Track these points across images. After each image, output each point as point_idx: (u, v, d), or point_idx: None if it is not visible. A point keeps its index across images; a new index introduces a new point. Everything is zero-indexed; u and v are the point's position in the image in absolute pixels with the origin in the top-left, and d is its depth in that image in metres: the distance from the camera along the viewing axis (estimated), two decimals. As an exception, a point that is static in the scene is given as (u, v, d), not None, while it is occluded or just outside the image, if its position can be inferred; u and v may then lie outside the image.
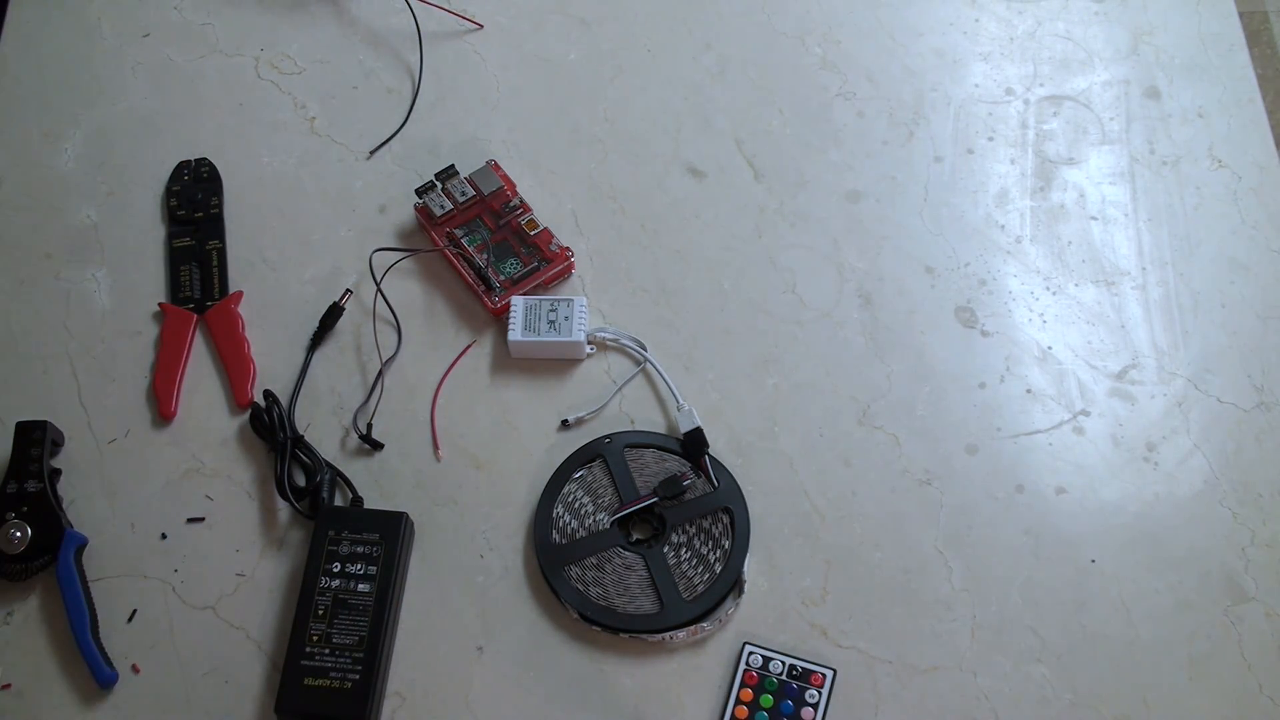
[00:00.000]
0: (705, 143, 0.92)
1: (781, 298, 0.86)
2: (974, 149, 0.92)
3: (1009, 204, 0.90)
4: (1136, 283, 0.87)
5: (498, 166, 0.89)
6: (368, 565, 0.74)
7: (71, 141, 0.92)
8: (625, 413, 0.82)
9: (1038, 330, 0.85)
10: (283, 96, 0.95)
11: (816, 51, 0.97)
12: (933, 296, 0.86)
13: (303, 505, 0.78)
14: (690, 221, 0.89)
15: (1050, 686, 0.73)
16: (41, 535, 0.75)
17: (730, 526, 0.77)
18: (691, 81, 0.95)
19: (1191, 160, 0.91)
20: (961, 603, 0.76)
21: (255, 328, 0.85)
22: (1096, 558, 0.77)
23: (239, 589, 0.76)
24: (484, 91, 0.94)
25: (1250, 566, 0.76)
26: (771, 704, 0.72)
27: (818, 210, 0.89)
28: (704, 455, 0.79)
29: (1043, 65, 0.96)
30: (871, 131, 0.93)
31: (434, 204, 0.86)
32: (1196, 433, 0.81)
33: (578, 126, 0.93)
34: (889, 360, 0.84)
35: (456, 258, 0.85)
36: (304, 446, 0.79)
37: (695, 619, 0.74)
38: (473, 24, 0.97)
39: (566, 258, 0.86)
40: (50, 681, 0.73)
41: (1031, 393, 0.82)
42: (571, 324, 0.82)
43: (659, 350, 0.84)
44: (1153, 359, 0.84)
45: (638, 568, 0.76)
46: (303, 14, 0.98)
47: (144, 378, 0.83)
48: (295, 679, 0.71)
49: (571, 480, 0.79)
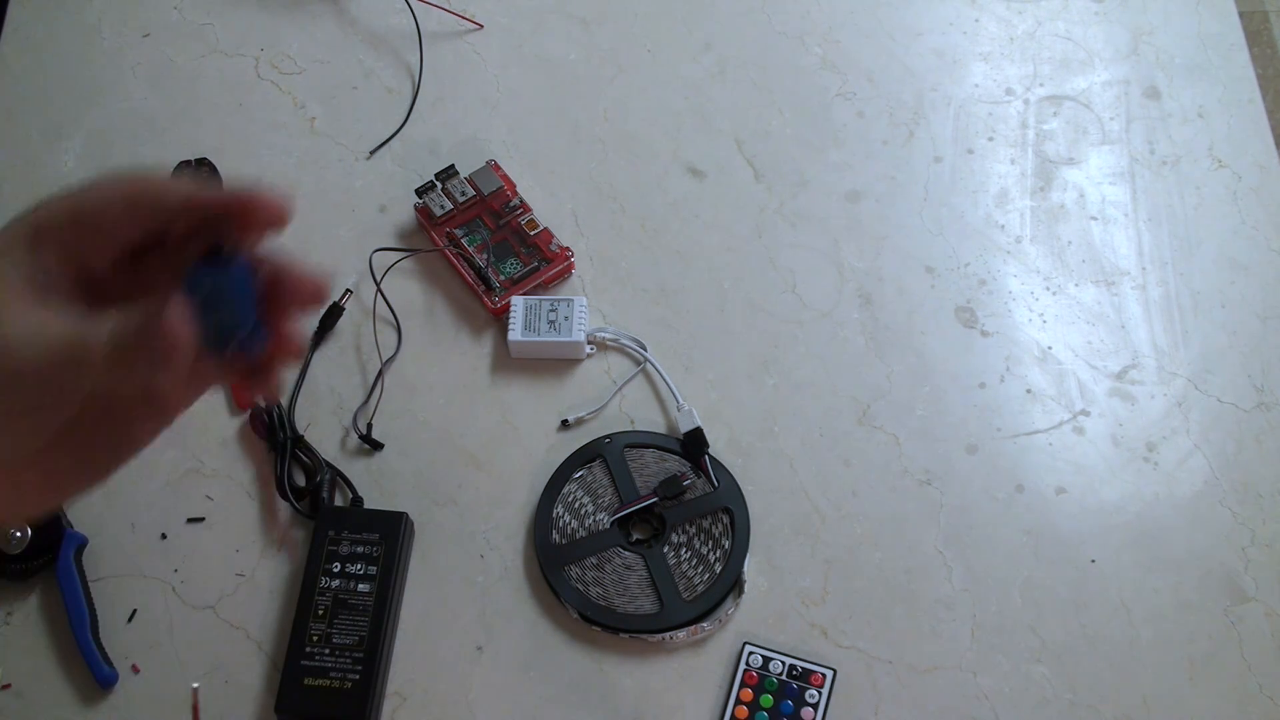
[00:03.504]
0: (705, 143, 0.92)
1: (781, 298, 0.86)
2: (974, 149, 0.92)
3: (1009, 204, 0.90)
4: (1136, 283, 0.87)
5: (498, 166, 0.89)
6: (368, 565, 0.74)
7: (71, 141, 0.92)
8: (625, 413, 0.82)
9: (1038, 330, 0.85)
10: (283, 96, 0.95)
11: (816, 51, 0.97)
12: (933, 296, 0.86)
13: (303, 505, 0.78)
14: (690, 221, 0.89)
15: (1050, 686, 0.73)
16: (41, 535, 0.75)
17: (730, 526, 0.77)
18: (691, 81, 0.95)
19: (1191, 160, 0.91)
20: (961, 603, 0.76)
21: (255, 328, 0.85)
22: (1096, 558, 0.77)
23: (239, 589, 0.76)
24: (484, 91, 0.94)
25: (1250, 566, 0.76)
26: (771, 704, 0.72)
27: (818, 210, 0.89)
28: (704, 455, 0.79)
29: (1043, 65, 0.96)
30: (871, 131, 0.93)
31: (434, 204, 0.87)
32: (1196, 433, 0.81)
33: (578, 126, 0.93)
34: (889, 360, 0.84)
35: (456, 258, 0.86)
36: (304, 446, 0.79)
37: (695, 619, 0.74)
38: (473, 24, 0.97)
39: (566, 258, 0.86)
40: (50, 681, 0.73)
41: (1031, 393, 0.82)
42: (571, 324, 0.82)
43: (659, 350, 0.84)
44: (1153, 359, 0.84)
45: (638, 568, 0.76)
46: (303, 14, 0.98)
47: (144, 378, 0.83)
48: (295, 679, 0.71)
49: (571, 480, 0.79)
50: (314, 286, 0.42)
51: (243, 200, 0.40)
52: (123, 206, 0.41)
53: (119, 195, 0.41)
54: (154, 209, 0.41)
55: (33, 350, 0.38)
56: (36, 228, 0.40)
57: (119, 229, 0.41)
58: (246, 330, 0.40)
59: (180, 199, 0.41)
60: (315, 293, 0.42)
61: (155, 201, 0.41)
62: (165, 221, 0.41)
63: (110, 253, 0.41)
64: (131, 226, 0.41)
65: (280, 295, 0.41)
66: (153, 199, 0.41)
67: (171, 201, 0.41)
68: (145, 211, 0.41)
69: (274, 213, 0.41)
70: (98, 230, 0.41)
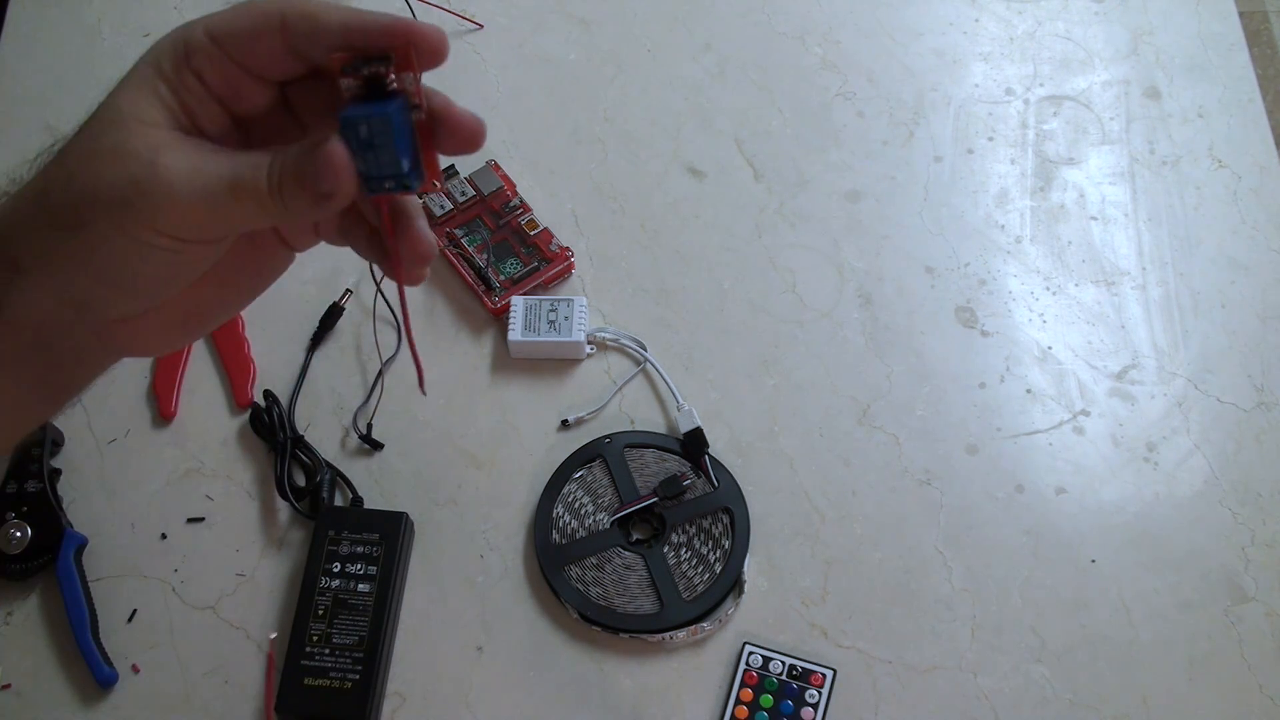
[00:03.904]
0: (705, 143, 0.92)
1: (781, 298, 0.86)
2: (974, 149, 0.92)
3: (1009, 204, 0.90)
4: (1136, 283, 0.87)
5: (498, 166, 0.89)
6: (368, 565, 0.74)
7: (71, 141, 0.92)
8: (625, 413, 0.82)
9: (1038, 330, 0.85)
10: (283, 96, 0.94)
11: (816, 51, 0.97)
12: (933, 296, 0.86)
13: (303, 505, 0.78)
14: (690, 221, 0.89)
15: (1050, 686, 0.73)
16: (41, 535, 0.75)
17: (730, 526, 0.77)
18: (691, 81, 0.95)
19: (1191, 160, 0.91)
20: (961, 603, 0.76)
21: (255, 328, 0.85)
22: (1096, 558, 0.77)
23: (239, 589, 0.76)
24: (484, 91, 0.94)
25: (1250, 566, 0.76)
26: (771, 704, 0.72)
27: (818, 210, 0.89)
28: (704, 455, 0.79)
29: (1043, 65, 0.96)
30: (871, 131, 0.93)
31: (434, 204, 0.86)
32: (1196, 433, 0.81)
33: (578, 126, 0.93)
34: (889, 360, 0.84)
35: (456, 258, 0.85)
36: (304, 446, 0.79)
37: (695, 619, 0.74)
38: (473, 24, 0.97)
39: (566, 258, 0.86)
40: (50, 681, 0.73)
41: (1031, 393, 0.82)
42: (571, 324, 0.82)
43: (659, 350, 0.84)
44: (1153, 359, 0.84)
45: (638, 568, 0.76)
46: (303, 14, 0.98)
47: (144, 377, 0.83)
48: (295, 679, 0.71)
49: (571, 480, 0.79)
50: (472, 128, 0.40)
51: (403, 30, 0.38)
52: (277, 33, 0.38)
53: (271, 20, 0.38)
54: (311, 35, 0.38)
55: (192, 190, 0.37)
56: (187, 50, 0.39)
57: (272, 61, 0.39)
58: (405, 171, 0.38)
59: (339, 25, 0.38)
60: (473, 135, 0.40)
61: (312, 27, 0.38)
62: (322, 50, 0.39)
63: (263, 89, 0.40)
64: (286, 58, 0.39)
65: (438, 135, 0.40)
66: (309, 25, 0.38)
67: (329, 27, 0.38)
68: (302, 39, 0.38)
69: (434, 45, 0.38)
70: (249, 60, 0.39)
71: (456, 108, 0.40)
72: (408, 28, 0.38)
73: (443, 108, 0.40)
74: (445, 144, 0.40)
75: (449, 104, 0.40)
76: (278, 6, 0.38)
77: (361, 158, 0.37)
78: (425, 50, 0.38)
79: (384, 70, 0.38)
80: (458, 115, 0.40)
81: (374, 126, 0.37)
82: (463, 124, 0.40)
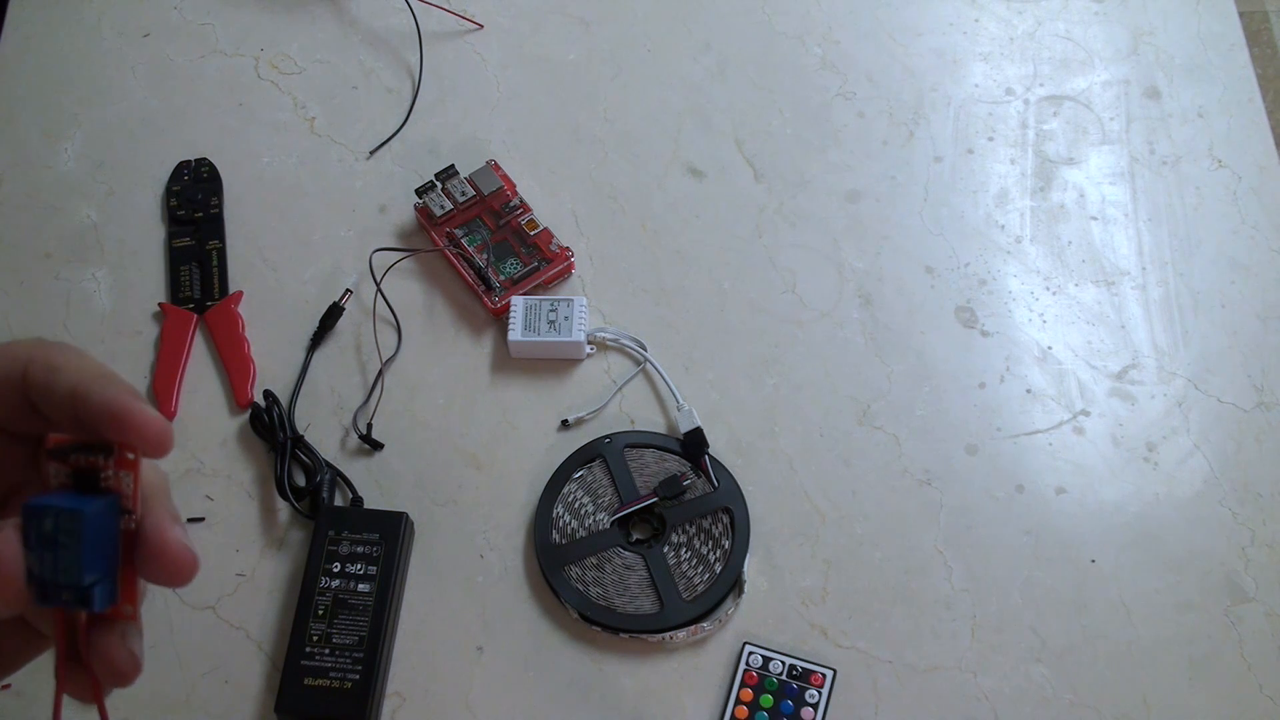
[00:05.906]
0: (705, 143, 0.92)
1: (781, 298, 0.86)
2: (974, 149, 0.92)
3: (1009, 204, 0.90)
4: (1136, 283, 0.87)
5: (498, 166, 0.89)
6: (368, 565, 0.74)
7: (71, 141, 0.92)
8: (625, 413, 0.82)
9: (1038, 330, 0.85)
10: (283, 96, 0.95)
11: (816, 51, 0.97)
12: (933, 296, 0.86)
13: (303, 505, 0.78)
14: (690, 221, 0.89)
15: (1050, 686, 0.73)
16: (41, 535, 0.75)
17: (730, 526, 0.77)
18: (691, 81, 0.95)
19: (1191, 160, 0.91)
20: (961, 603, 0.76)
21: (255, 328, 0.85)
22: (1096, 558, 0.77)
23: (239, 589, 0.76)
24: (484, 91, 0.94)
25: (1250, 566, 0.76)
26: (771, 704, 0.72)
27: (818, 210, 0.89)
28: (704, 455, 0.79)
29: (1043, 65, 0.96)
30: (871, 131, 0.93)
31: (434, 204, 0.86)
32: (1196, 433, 0.81)
33: (578, 126, 0.93)
34: (889, 360, 0.84)
35: (456, 258, 0.86)
36: (304, 446, 0.79)
37: (695, 619, 0.74)
38: (473, 24, 0.97)
39: (566, 258, 0.86)
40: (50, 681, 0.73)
41: (1031, 393, 0.82)
42: (571, 324, 0.82)
43: (659, 350, 0.84)
44: (1153, 359, 0.84)
45: (638, 568, 0.76)
46: (303, 14, 0.98)
47: (144, 378, 0.83)
48: (295, 679, 0.71)
49: (571, 480, 0.79)
50: (180, 560, 0.33)
51: (122, 415, 0.32)
52: (18, 384, 0.33)
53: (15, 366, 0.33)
54: (44, 392, 0.33)
55: None
56: None
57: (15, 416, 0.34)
58: (85, 583, 0.32)
59: (67, 389, 0.33)
60: (179, 569, 0.33)
61: (46, 383, 0.33)
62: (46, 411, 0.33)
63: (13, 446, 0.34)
64: (30, 416, 0.34)
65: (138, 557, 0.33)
66: (45, 380, 0.33)
67: (58, 388, 0.33)
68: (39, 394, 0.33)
69: (155, 439, 0.32)
70: None
71: (170, 532, 0.33)
72: (125, 414, 0.32)
73: (155, 528, 0.33)
74: (144, 568, 0.33)
75: (164, 525, 0.33)
76: (26, 353, 0.34)
77: (38, 557, 0.31)
78: (142, 441, 0.32)
79: (101, 462, 0.32)
80: (169, 541, 0.33)
81: (61, 522, 0.31)
82: (169, 552, 0.33)
